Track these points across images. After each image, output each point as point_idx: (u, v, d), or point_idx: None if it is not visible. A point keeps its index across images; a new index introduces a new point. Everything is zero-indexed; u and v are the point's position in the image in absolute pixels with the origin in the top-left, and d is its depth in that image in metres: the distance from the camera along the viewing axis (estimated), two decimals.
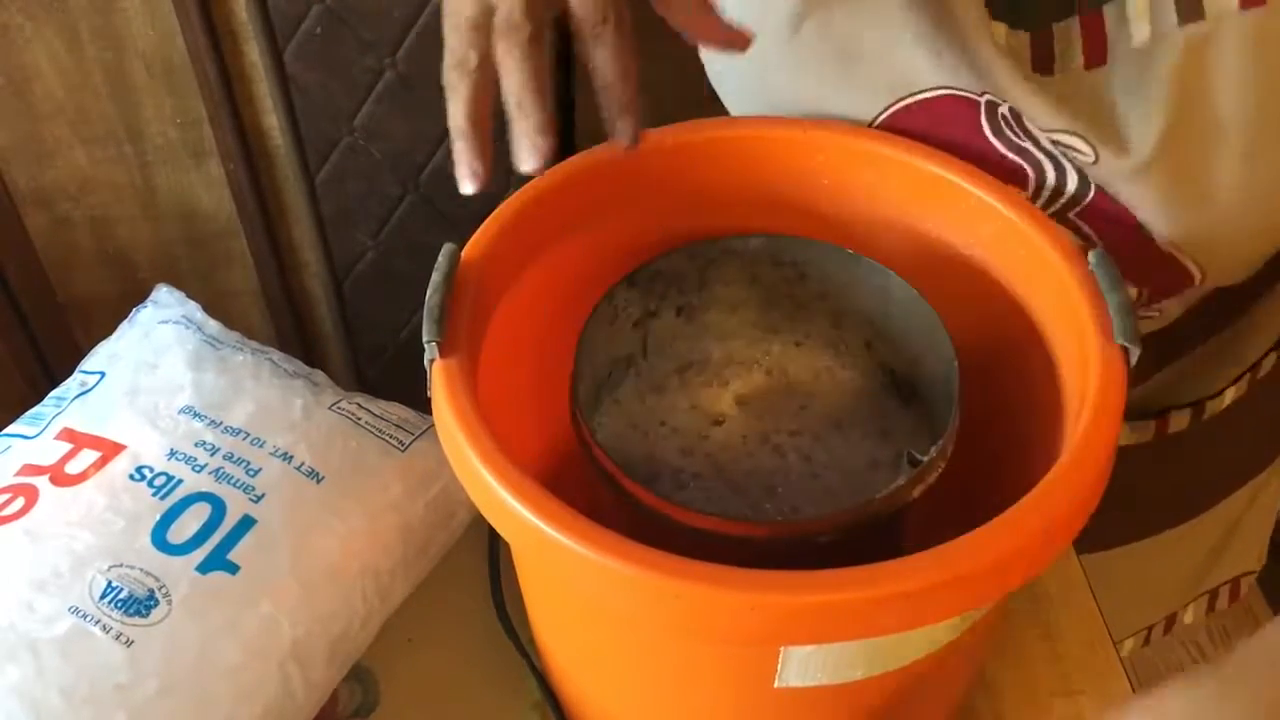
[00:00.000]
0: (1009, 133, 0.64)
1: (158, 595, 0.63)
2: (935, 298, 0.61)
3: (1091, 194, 0.64)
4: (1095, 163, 0.62)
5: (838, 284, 0.66)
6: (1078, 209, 0.65)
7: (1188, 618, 1.02)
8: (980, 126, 0.64)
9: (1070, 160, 0.63)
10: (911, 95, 0.65)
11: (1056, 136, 0.62)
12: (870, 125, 0.67)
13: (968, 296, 0.62)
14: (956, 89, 0.64)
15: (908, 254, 0.64)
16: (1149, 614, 1.02)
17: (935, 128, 0.65)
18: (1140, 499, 0.81)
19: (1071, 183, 0.64)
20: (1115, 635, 0.73)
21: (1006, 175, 0.64)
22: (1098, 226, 0.65)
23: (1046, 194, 0.65)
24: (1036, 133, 0.63)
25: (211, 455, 0.69)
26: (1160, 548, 0.90)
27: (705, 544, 0.54)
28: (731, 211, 0.66)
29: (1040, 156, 0.64)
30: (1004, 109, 0.63)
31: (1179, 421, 0.81)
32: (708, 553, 0.47)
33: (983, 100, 0.63)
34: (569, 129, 1.08)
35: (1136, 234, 0.64)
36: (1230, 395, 0.81)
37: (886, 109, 0.66)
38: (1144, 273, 0.67)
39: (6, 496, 0.67)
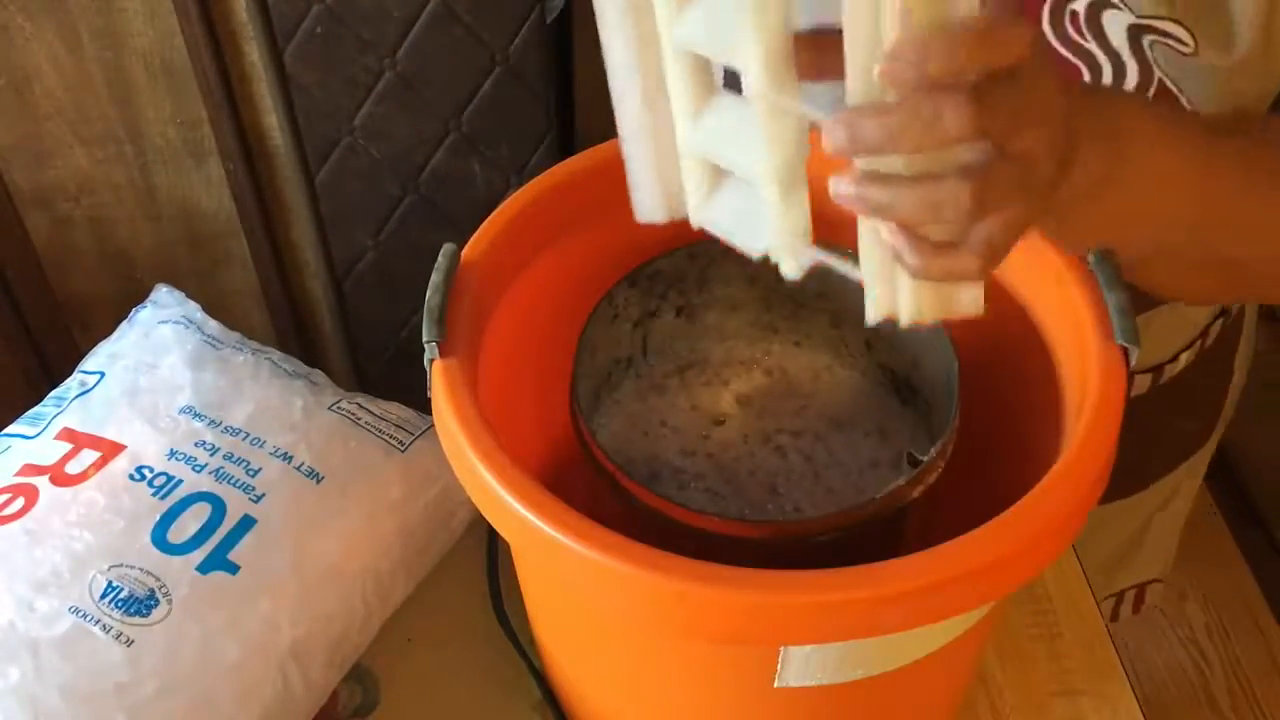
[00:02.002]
0: (1072, 31, 0.62)
1: (158, 595, 0.63)
2: None
3: (1151, 91, 0.62)
4: (1193, 53, 0.60)
5: (837, 284, 0.66)
6: None
7: None
8: (1039, 23, 0.62)
9: (1145, 54, 0.61)
10: None
11: (1154, 23, 0.60)
12: None
13: None
14: None
15: None
16: None
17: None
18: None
19: (1129, 83, 0.62)
20: None
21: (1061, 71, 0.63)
22: None
23: None
24: (1111, 30, 0.61)
25: (211, 455, 0.69)
26: (1090, 525, 0.91)
27: (706, 544, 0.54)
28: None
29: (1101, 57, 0.62)
30: (1080, 4, 0.61)
31: (1140, 385, 0.82)
32: (708, 553, 0.47)
33: None
34: (569, 129, 1.08)
35: None
36: (1184, 360, 0.83)
37: None
38: None
39: (6, 496, 0.67)
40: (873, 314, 0.48)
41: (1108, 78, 0.63)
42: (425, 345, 0.55)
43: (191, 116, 1.09)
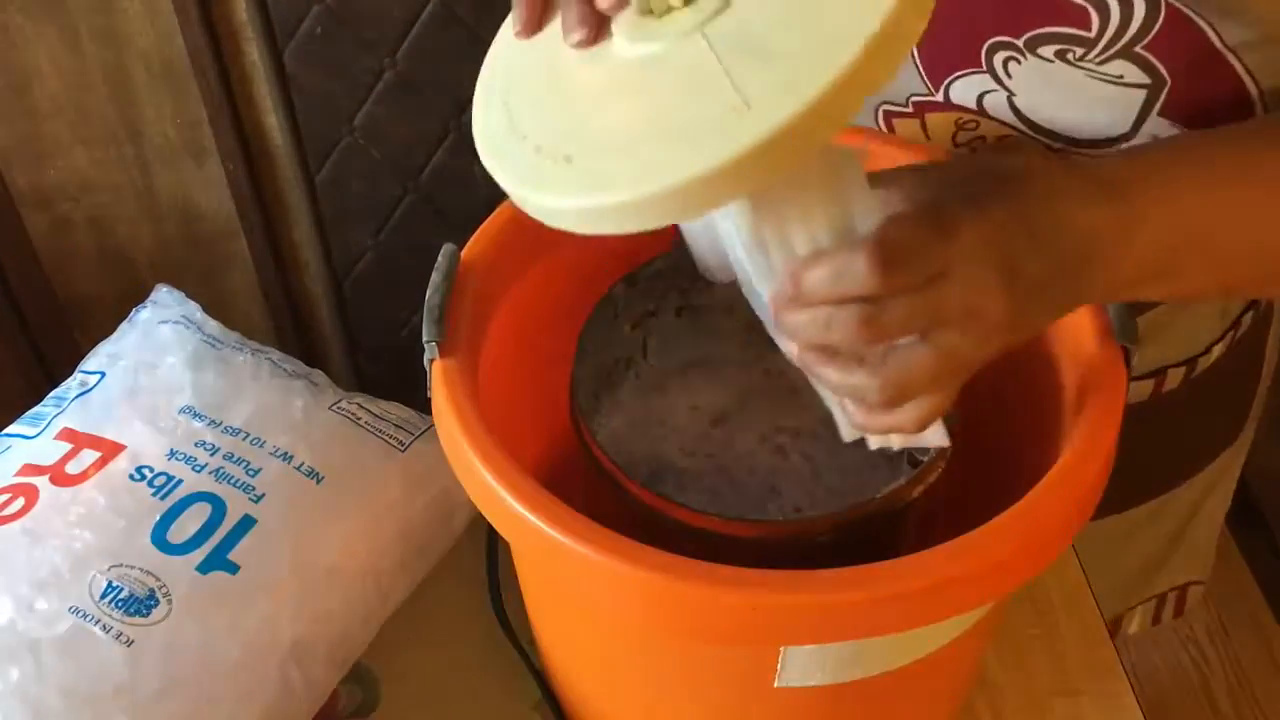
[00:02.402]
0: None
1: (158, 595, 0.63)
2: None
3: (1160, 20, 0.62)
4: None
5: None
6: (1145, 41, 0.62)
7: (1133, 626, 1.01)
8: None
9: None
10: None
11: None
12: None
13: None
14: None
15: None
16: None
17: None
18: (1128, 464, 0.81)
19: (1138, 17, 0.62)
20: None
21: (1068, 18, 0.62)
22: (1164, 52, 0.63)
23: (1110, 33, 0.63)
24: None
25: (211, 455, 0.69)
26: (1127, 527, 0.90)
27: (706, 544, 0.54)
28: None
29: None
30: None
31: (1173, 379, 0.81)
32: (708, 553, 0.47)
33: None
34: None
35: (1205, 49, 0.62)
36: (1217, 352, 0.82)
37: None
38: (1206, 91, 0.64)
39: (6, 496, 0.67)
40: (845, 435, 0.52)
41: (1115, 18, 0.62)
42: (425, 345, 0.55)
43: (191, 116, 1.09)
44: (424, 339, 0.55)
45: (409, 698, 0.71)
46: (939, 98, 0.70)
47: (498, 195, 0.61)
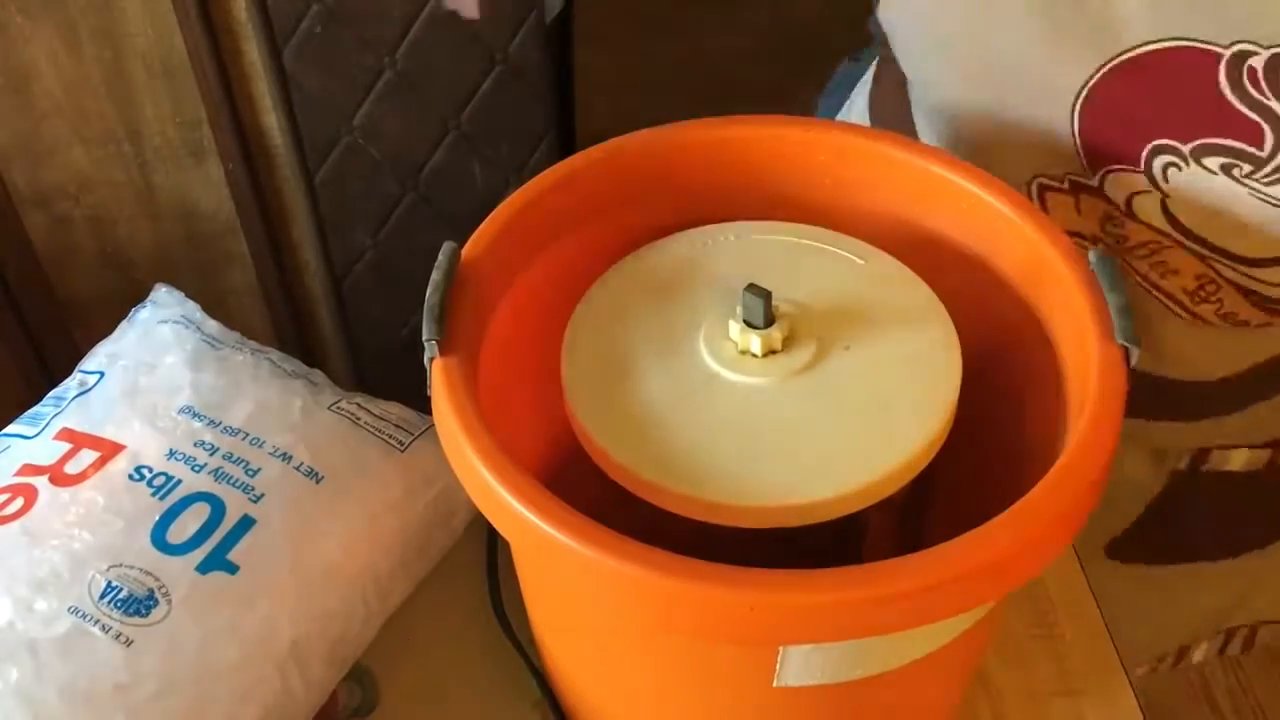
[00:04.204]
0: (1252, 89, 0.58)
1: (157, 595, 0.63)
2: (937, 295, 0.61)
3: None
4: None
5: None
6: None
7: (1197, 655, 1.00)
8: (1217, 81, 0.59)
9: None
10: (1127, 51, 0.60)
11: None
12: (1082, 91, 0.62)
13: (969, 294, 0.62)
14: (1191, 40, 0.59)
15: (909, 251, 0.64)
16: (1165, 643, 0.99)
17: (1156, 86, 0.61)
18: (1228, 523, 0.78)
19: None
20: (1129, 662, 0.72)
21: (1240, 133, 0.60)
22: None
23: None
24: None
25: (211, 455, 0.69)
26: (1206, 574, 0.88)
27: (704, 529, 0.54)
28: (732, 210, 0.66)
29: None
30: (1259, 60, 0.57)
31: (1257, 460, 0.78)
32: (708, 539, 0.47)
33: (1229, 52, 0.58)
34: (569, 129, 1.08)
35: None
36: None
37: (1098, 70, 0.61)
38: None
39: (6, 496, 0.67)
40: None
41: None
42: (425, 344, 0.55)
43: (191, 116, 1.09)
44: (424, 338, 0.55)
45: (409, 698, 0.71)
46: (1094, 182, 0.68)
47: (498, 195, 0.62)
